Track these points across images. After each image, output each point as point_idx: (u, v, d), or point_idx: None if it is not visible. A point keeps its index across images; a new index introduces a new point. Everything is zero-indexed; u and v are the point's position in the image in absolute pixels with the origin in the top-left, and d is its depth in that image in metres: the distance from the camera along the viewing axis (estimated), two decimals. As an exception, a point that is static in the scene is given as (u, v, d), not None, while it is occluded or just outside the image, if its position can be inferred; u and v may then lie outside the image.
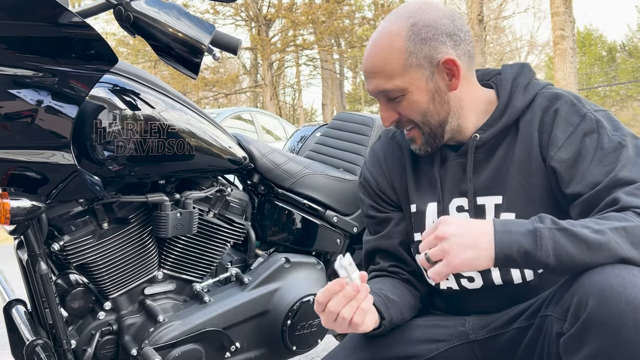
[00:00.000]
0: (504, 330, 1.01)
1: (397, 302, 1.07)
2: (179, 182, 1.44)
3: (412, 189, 1.15)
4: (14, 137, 1.02)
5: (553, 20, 10.33)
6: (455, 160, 1.09)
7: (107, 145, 1.21)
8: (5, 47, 0.96)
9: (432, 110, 1.05)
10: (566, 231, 0.85)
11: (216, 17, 18.39)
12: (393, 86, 1.03)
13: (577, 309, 0.81)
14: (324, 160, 1.78)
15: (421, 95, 1.03)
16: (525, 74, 1.09)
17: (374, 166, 1.22)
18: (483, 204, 1.05)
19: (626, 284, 0.78)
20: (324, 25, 17.51)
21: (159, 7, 1.14)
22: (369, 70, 1.05)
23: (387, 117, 1.07)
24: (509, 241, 0.86)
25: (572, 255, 0.84)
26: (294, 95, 25.48)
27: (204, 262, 1.49)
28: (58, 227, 1.26)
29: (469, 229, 0.88)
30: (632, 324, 0.76)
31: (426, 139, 1.07)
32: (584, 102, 1.02)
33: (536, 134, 1.02)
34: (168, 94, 1.35)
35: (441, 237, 0.88)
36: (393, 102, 1.05)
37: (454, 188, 1.09)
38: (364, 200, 1.22)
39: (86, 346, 1.31)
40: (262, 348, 1.48)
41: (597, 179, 0.93)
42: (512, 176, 1.03)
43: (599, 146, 0.95)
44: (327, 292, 0.89)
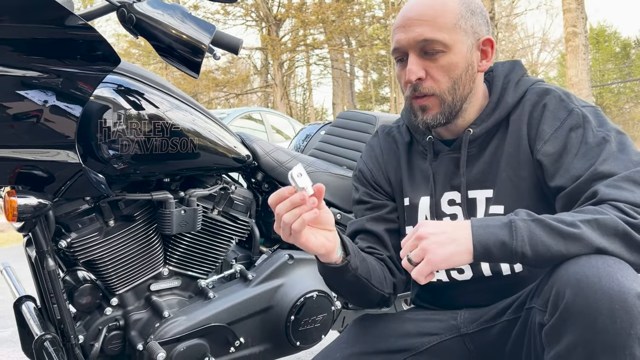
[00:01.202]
0: (494, 323, 1.03)
1: (366, 260, 1.09)
2: (184, 180, 1.47)
3: (406, 182, 1.18)
4: (21, 137, 1.05)
5: (565, 17, 10.26)
6: (448, 155, 1.11)
7: (112, 144, 1.24)
8: (11, 49, 0.99)
9: (462, 81, 1.04)
10: (540, 222, 0.87)
11: (227, 17, 18.50)
12: (440, 38, 1.01)
13: (555, 299, 0.83)
14: (327, 158, 1.80)
15: (460, 60, 1.03)
16: (517, 70, 1.11)
17: (371, 159, 1.25)
18: (474, 198, 1.08)
19: (601, 274, 0.79)
20: (334, 25, 17.51)
21: (160, 9, 1.16)
22: (414, 17, 1.02)
23: (416, 71, 1.02)
24: (485, 234, 0.87)
25: (548, 245, 0.85)
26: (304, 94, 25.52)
27: (208, 259, 1.51)
28: (65, 224, 1.29)
29: (446, 227, 0.89)
30: (607, 312, 0.77)
31: (443, 110, 1.05)
32: (572, 97, 1.04)
33: (525, 127, 1.04)
34: (172, 93, 1.38)
35: (420, 237, 0.89)
36: (427, 57, 1.03)
37: (446, 182, 1.11)
38: (359, 188, 1.24)
39: (93, 341, 1.33)
40: (266, 343, 1.50)
41: (579, 172, 0.95)
42: (502, 169, 1.05)
43: (583, 141, 0.97)
44: (276, 196, 0.89)
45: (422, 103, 1.05)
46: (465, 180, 1.08)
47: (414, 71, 1.02)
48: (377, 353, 1.09)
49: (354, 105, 21.19)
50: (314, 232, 0.92)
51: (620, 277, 0.79)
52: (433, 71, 1.03)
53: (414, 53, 1.03)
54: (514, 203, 1.03)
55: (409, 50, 1.03)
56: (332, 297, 1.58)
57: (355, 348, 1.10)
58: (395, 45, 1.05)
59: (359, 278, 1.05)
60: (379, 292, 1.11)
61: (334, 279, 1.07)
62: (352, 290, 1.10)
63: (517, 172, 1.04)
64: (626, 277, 0.79)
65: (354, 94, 21.79)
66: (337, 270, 1.02)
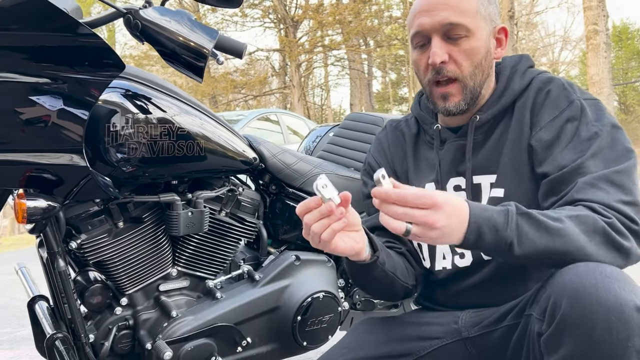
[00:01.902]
0: (495, 327, 1.03)
1: (390, 254, 1.10)
2: (192, 182, 1.49)
3: (412, 172, 1.20)
4: (30, 141, 1.08)
5: (585, 14, 10.14)
6: (455, 141, 1.13)
7: (120, 148, 1.27)
8: (21, 56, 1.02)
9: (482, 66, 1.06)
10: (528, 216, 0.87)
11: (245, 19, 18.61)
12: (465, 22, 1.02)
13: (552, 309, 0.83)
14: (335, 159, 1.81)
15: (481, 46, 1.05)
16: (524, 62, 1.14)
17: (379, 153, 1.27)
18: (479, 183, 1.09)
19: (598, 285, 0.79)
20: (351, 26, 17.51)
21: (165, 15, 1.19)
22: (439, 2, 1.03)
23: (441, 54, 1.03)
24: (482, 214, 0.87)
25: (533, 239, 0.86)
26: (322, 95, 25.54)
27: (216, 260, 1.53)
28: (75, 226, 1.33)
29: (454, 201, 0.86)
30: (603, 325, 0.76)
31: (465, 96, 1.06)
32: (575, 88, 1.05)
33: (528, 114, 1.06)
34: (180, 97, 1.40)
35: (438, 205, 0.83)
36: (450, 42, 1.04)
37: (452, 168, 1.13)
38: (367, 182, 1.26)
39: (104, 340, 1.36)
40: (273, 343, 1.51)
41: (565, 162, 0.97)
42: (505, 154, 1.07)
43: (577, 133, 0.99)
44: (304, 206, 0.89)
45: (445, 91, 1.06)
46: (470, 166, 1.09)
47: (439, 54, 1.03)
48: (379, 357, 1.10)
49: (371, 106, 21.15)
50: (342, 235, 0.92)
51: (617, 288, 0.78)
52: (456, 55, 1.04)
53: (437, 37, 1.04)
54: (514, 186, 1.04)
55: (432, 34, 1.04)
56: (339, 298, 1.59)
57: (356, 352, 1.11)
58: (418, 29, 1.06)
59: (387, 273, 1.07)
60: (403, 285, 1.14)
61: (362, 276, 1.09)
62: (379, 285, 1.11)
63: (518, 156, 1.05)
64: (624, 288, 0.78)
65: (371, 94, 21.75)
66: (366, 267, 1.03)
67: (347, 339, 1.16)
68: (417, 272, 1.19)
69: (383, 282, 1.09)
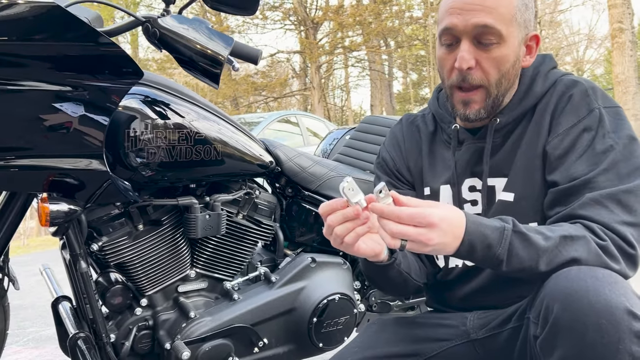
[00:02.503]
0: (501, 329, 1.04)
1: (406, 254, 1.11)
2: (209, 185, 1.52)
3: (427, 171, 1.19)
4: (53, 146, 1.11)
5: (610, 12, 9.97)
6: (473, 143, 1.11)
7: (139, 153, 1.30)
8: (44, 65, 1.06)
9: (509, 75, 1.03)
10: (522, 235, 0.88)
11: (265, 22, 18.72)
12: (499, 28, 0.98)
13: (545, 313, 0.83)
14: (351, 162, 1.83)
15: (511, 54, 1.01)
16: (547, 63, 1.11)
17: (393, 147, 1.26)
18: (493, 185, 1.08)
19: (589, 288, 0.79)
20: (372, 27, 17.49)
21: (183, 23, 1.22)
22: (475, 2, 0.98)
23: (468, 59, 0.99)
24: (477, 230, 0.87)
25: (521, 258, 0.87)
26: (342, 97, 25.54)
27: (234, 262, 1.56)
28: (97, 228, 1.36)
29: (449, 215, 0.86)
30: (595, 328, 0.77)
31: (487, 104, 1.04)
32: (598, 94, 1.02)
33: (548, 117, 1.03)
34: (198, 103, 1.43)
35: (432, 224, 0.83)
36: (480, 47, 1.00)
37: (467, 169, 1.11)
38: (381, 177, 1.26)
39: (124, 340, 1.40)
40: (289, 344, 1.53)
41: (577, 174, 0.96)
42: (519, 158, 1.05)
43: (592, 145, 0.97)
44: (328, 207, 0.89)
45: (467, 97, 1.03)
46: (487, 169, 1.08)
47: (467, 59, 0.99)
48: (388, 357, 1.11)
49: (392, 107, 21.09)
50: (364, 238, 0.91)
51: (608, 291, 0.78)
52: (484, 62, 1.00)
53: (467, 40, 0.99)
54: (525, 191, 1.03)
55: (463, 35, 0.99)
56: (355, 300, 1.61)
57: (366, 352, 1.12)
58: (448, 26, 1.00)
59: (402, 273, 1.09)
60: (416, 283, 1.15)
61: (378, 275, 1.10)
62: (393, 284, 1.13)
63: (533, 160, 1.03)
64: (614, 292, 0.78)
65: (392, 95, 21.69)
66: (383, 267, 1.05)
67: (358, 339, 1.17)
68: (429, 270, 1.20)
69: (397, 281, 1.10)
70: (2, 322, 1.47)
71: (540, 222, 1.02)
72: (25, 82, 1.04)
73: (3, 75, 1.02)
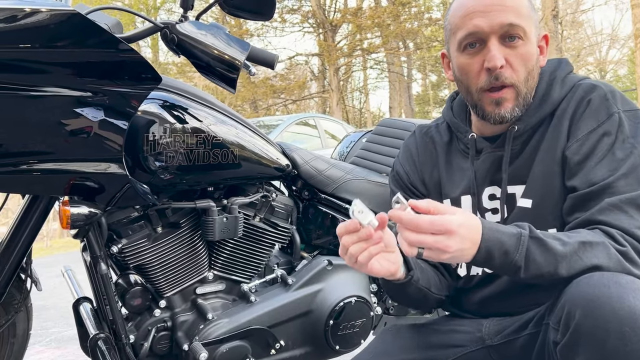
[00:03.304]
0: (517, 335, 1.03)
1: (424, 269, 1.11)
2: (227, 188, 1.54)
3: (445, 182, 1.18)
4: (74, 150, 1.14)
5: (634, 12, 9.81)
6: (492, 152, 1.10)
7: (158, 156, 1.32)
8: (64, 71, 1.08)
9: (533, 72, 1.04)
10: (539, 241, 0.87)
11: (284, 25, 18.80)
12: (523, 24, 1.00)
13: (567, 319, 0.83)
14: (367, 165, 1.83)
15: (533, 50, 1.03)
16: (563, 67, 1.10)
17: (407, 160, 1.25)
18: (514, 193, 1.07)
19: (612, 295, 0.78)
20: (390, 29, 17.45)
21: (200, 29, 1.24)
22: (497, 3, 1.00)
23: (501, 57, 0.99)
24: (494, 237, 0.87)
25: (539, 264, 0.86)
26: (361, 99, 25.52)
27: (251, 264, 1.57)
28: (117, 231, 1.39)
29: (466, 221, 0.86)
30: (617, 335, 0.76)
31: (518, 102, 1.03)
32: (617, 98, 1.01)
33: (567, 122, 1.03)
34: (215, 107, 1.45)
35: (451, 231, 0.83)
36: (507, 44, 1.01)
37: (487, 178, 1.11)
38: (395, 191, 1.25)
39: (143, 341, 1.42)
40: (306, 347, 1.54)
41: (596, 179, 0.95)
42: (537, 164, 1.04)
43: (611, 150, 0.96)
44: (343, 228, 0.91)
45: (499, 96, 1.02)
46: (506, 177, 1.07)
47: (499, 57, 0.99)
48: None
49: (411, 109, 21.01)
50: (378, 258, 0.92)
51: (632, 298, 0.77)
52: (513, 59, 1.01)
53: (495, 39, 1.00)
54: (544, 198, 1.02)
55: (490, 35, 1.00)
56: (371, 302, 1.61)
57: (382, 358, 1.13)
58: (472, 30, 1.01)
59: (421, 289, 1.08)
60: (437, 297, 1.15)
61: (397, 293, 1.11)
62: (413, 300, 1.13)
63: (551, 167, 1.03)
64: (638, 298, 0.77)
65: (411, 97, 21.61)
66: (400, 285, 1.05)
67: (373, 345, 1.18)
68: (450, 282, 1.20)
69: (417, 297, 1.10)
70: (26, 323, 1.50)
71: (559, 227, 1.01)
72: (46, 88, 1.07)
73: (25, 81, 1.05)
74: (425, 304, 1.15)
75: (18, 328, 1.48)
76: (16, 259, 1.25)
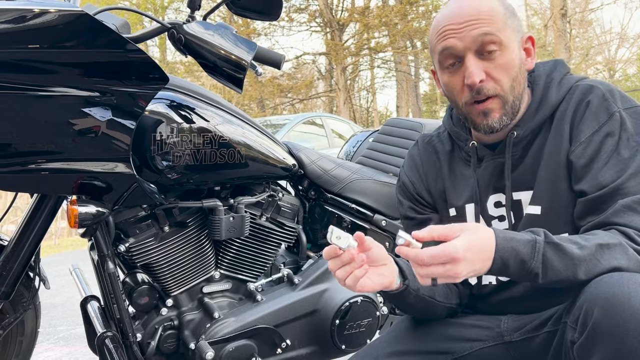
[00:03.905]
0: (537, 333, 1.02)
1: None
2: (234, 188, 1.54)
3: (450, 191, 1.17)
4: (82, 150, 1.15)
5: (643, 10, 9.74)
6: (493, 159, 1.10)
7: (165, 156, 1.33)
8: (71, 71, 1.09)
9: (518, 79, 1.02)
10: (556, 246, 0.87)
11: (291, 24, 18.79)
12: (498, 35, 0.98)
13: (584, 318, 0.82)
14: (374, 165, 1.83)
15: (515, 58, 1.01)
16: (559, 69, 1.09)
17: (411, 170, 1.25)
18: (519, 199, 1.07)
19: (631, 294, 0.78)
20: (398, 28, 17.41)
21: (207, 29, 1.24)
22: (467, 20, 0.99)
23: (479, 73, 0.99)
24: (508, 246, 0.87)
25: (558, 270, 0.86)
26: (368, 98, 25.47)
27: (257, 263, 1.58)
28: (124, 230, 1.40)
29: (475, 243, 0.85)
30: (635, 334, 0.75)
31: (506, 111, 1.02)
32: (616, 97, 1.01)
33: (567, 126, 1.02)
34: (222, 107, 1.46)
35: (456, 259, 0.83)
36: (485, 58, 1.00)
37: (490, 185, 1.10)
38: (403, 202, 1.26)
39: (150, 339, 1.43)
40: (312, 346, 1.54)
41: (605, 182, 0.94)
42: (542, 169, 1.03)
43: (616, 150, 0.96)
44: (326, 254, 0.93)
45: (485, 107, 1.02)
46: (509, 184, 1.07)
47: (477, 73, 0.99)
48: (418, 353, 1.11)
49: (418, 108, 20.94)
50: (369, 274, 0.94)
51: None
52: (493, 71, 1.00)
53: (471, 54, 1.00)
54: (552, 203, 1.01)
55: (466, 52, 1.00)
56: (378, 302, 1.61)
57: (396, 347, 1.12)
58: (447, 47, 1.01)
59: (423, 298, 1.08)
60: (445, 306, 1.14)
61: (397, 302, 1.10)
62: (417, 309, 1.12)
63: (556, 171, 1.02)
64: None
65: (419, 96, 21.53)
66: (398, 295, 1.05)
67: (389, 334, 1.17)
68: (462, 290, 1.18)
69: (420, 306, 1.10)
70: (34, 321, 1.52)
71: (571, 232, 1.00)
72: (53, 88, 1.07)
73: (32, 81, 1.05)
74: (433, 312, 1.14)
75: (26, 326, 1.50)
76: (25, 257, 1.26)
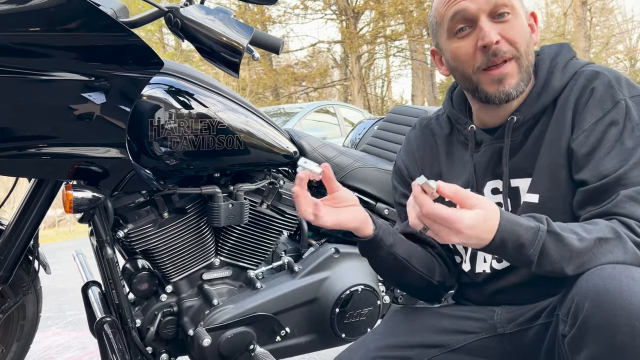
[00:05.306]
0: (530, 325, 1.01)
1: (407, 242, 1.11)
2: (234, 174, 1.53)
3: (447, 175, 1.16)
4: (77, 135, 1.14)
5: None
6: (491, 144, 1.07)
7: (163, 142, 1.32)
8: (65, 55, 1.08)
9: (530, 47, 1.01)
10: (557, 236, 0.85)
11: (306, 12, 18.69)
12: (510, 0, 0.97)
13: (575, 311, 0.80)
14: (378, 153, 1.81)
15: (525, 25, 1.01)
16: (564, 53, 1.06)
17: (407, 154, 1.24)
18: (517, 187, 1.04)
19: (623, 288, 0.76)
20: (413, 15, 17.23)
21: (204, 13, 1.22)
22: None
23: (494, 33, 0.96)
24: (510, 229, 0.85)
25: (553, 260, 0.84)
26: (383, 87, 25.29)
27: (258, 251, 1.57)
28: (123, 216, 1.39)
29: (480, 221, 0.84)
30: (626, 329, 0.73)
31: (522, 76, 0.99)
32: (623, 84, 0.97)
33: (570, 113, 0.99)
34: (222, 93, 1.44)
35: (459, 231, 0.82)
36: (498, 20, 0.98)
37: (489, 171, 1.08)
38: (397, 188, 1.25)
39: (149, 325, 1.43)
40: (311, 334, 1.54)
41: (607, 172, 0.91)
42: (542, 156, 1.01)
43: (620, 140, 0.93)
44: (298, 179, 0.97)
45: (500, 72, 0.98)
46: (507, 170, 1.04)
47: (493, 33, 0.96)
48: (411, 347, 1.09)
49: (434, 97, 20.76)
50: (338, 211, 0.98)
51: None
52: (508, 33, 0.97)
53: (485, 16, 0.97)
54: (550, 192, 0.99)
55: (479, 14, 0.97)
56: (379, 291, 1.59)
57: (389, 340, 1.11)
58: (459, 12, 0.98)
59: (396, 256, 1.07)
60: (423, 277, 1.12)
61: (371, 256, 1.09)
62: (392, 270, 1.11)
63: (556, 159, 0.99)
64: None
65: (434, 84, 21.32)
66: (370, 243, 1.05)
67: (382, 326, 1.16)
68: (453, 271, 1.18)
69: (394, 266, 1.09)
70: (35, 305, 1.53)
71: (568, 221, 0.96)
72: (48, 72, 1.07)
73: (26, 65, 1.05)
74: (410, 279, 1.12)
75: (28, 310, 1.51)
76: (22, 242, 1.27)
